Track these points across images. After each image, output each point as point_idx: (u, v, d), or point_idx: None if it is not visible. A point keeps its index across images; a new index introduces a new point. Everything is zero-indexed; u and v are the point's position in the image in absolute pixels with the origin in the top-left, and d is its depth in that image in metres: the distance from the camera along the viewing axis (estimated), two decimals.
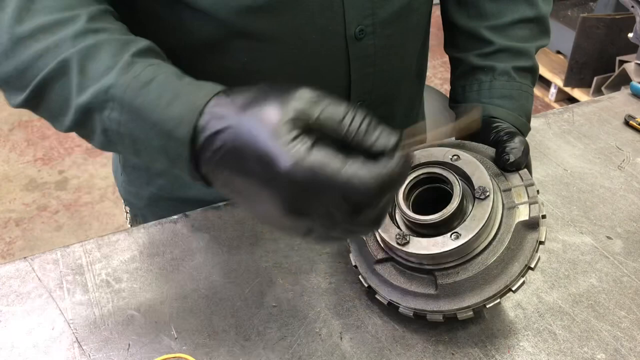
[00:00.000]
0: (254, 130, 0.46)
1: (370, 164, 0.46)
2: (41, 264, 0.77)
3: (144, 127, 0.52)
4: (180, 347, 0.67)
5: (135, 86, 0.52)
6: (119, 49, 0.54)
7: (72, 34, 0.54)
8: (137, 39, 0.57)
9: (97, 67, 0.53)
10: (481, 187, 0.64)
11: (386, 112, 0.87)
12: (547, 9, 0.86)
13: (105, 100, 0.53)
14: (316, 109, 0.46)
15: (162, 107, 0.51)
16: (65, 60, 0.54)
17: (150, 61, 0.54)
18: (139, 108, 0.51)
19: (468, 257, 0.64)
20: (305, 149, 0.45)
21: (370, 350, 0.67)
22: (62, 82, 0.54)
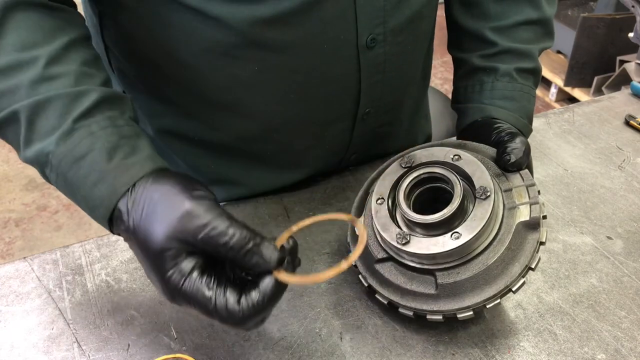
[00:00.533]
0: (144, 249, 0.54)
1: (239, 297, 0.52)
2: (41, 264, 0.77)
3: (74, 196, 0.58)
4: (180, 347, 0.67)
5: (68, 160, 0.56)
6: (67, 105, 0.57)
7: (27, 82, 0.57)
8: (88, 91, 0.59)
9: (43, 125, 0.57)
10: (482, 187, 0.64)
11: (393, 117, 0.87)
12: (551, 11, 0.85)
13: (45, 162, 0.58)
14: (200, 231, 0.51)
15: (88, 186, 0.56)
16: (16, 112, 0.57)
17: (91, 128, 0.57)
18: (70, 181, 0.57)
19: (468, 257, 0.63)
20: (179, 279, 0.52)
21: (370, 351, 0.67)
22: (13, 130, 0.59)
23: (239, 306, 0.52)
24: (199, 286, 0.52)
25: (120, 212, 0.55)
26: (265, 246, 0.53)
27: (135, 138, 0.59)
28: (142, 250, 0.54)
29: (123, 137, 0.58)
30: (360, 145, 0.87)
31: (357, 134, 0.84)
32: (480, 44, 0.84)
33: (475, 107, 0.82)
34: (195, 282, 0.52)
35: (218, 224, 0.52)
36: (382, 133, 0.88)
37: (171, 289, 0.53)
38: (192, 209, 0.52)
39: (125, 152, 0.57)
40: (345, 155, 0.88)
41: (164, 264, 0.52)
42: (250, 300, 0.52)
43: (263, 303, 0.53)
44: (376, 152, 0.92)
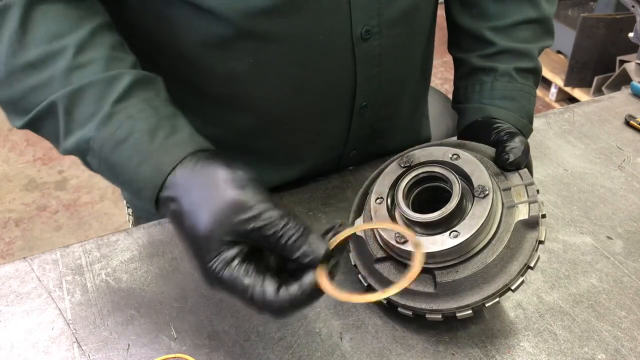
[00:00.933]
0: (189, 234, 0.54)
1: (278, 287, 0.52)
2: (41, 264, 0.77)
3: (118, 179, 0.59)
4: (180, 348, 0.67)
5: (110, 144, 0.57)
6: (103, 91, 0.58)
7: (60, 73, 0.58)
8: (121, 74, 0.59)
9: (82, 112, 0.58)
10: (480, 186, 0.64)
11: (391, 111, 0.87)
12: (550, 10, 0.85)
13: (87, 149, 0.58)
14: (249, 223, 0.52)
15: (132, 168, 0.57)
16: (53, 103, 0.58)
17: (129, 111, 0.57)
18: (113, 164, 0.57)
19: (467, 256, 0.63)
20: (220, 268, 0.52)
21: (370, 351, 0.67)
22: (52, 121, 0.59)
23: (277, 297, 0.52)
24: (237, 275, 0.52)
25: (166, 194, 0.55)
26: (313, 238, 0.53)
27: (174, 117, 0.59)
28: (187, 235, 0.54)
29: (162, 117, 0.58)
30: (358, 141, 0.87)
31: (355, 128, 0.84)
32: (479, 44, 0.84)
33: (475, 107, 0.81)
34: (235, 270, 0.52)
35: (268, 215, 0.52)
36: (380, 128, 0.88)
37: (211, 277, 0.53)
38: (240, 198, 0.53)
39: (166, 132, 0.57)
40: (345, 152, 0.88)
41: (207, 252, 0.53)
42: (289, 293, 0.52)
43: (301, 298, 0.52)
44: (375, 149, 0.92)
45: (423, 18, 0.81)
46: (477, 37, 0.84)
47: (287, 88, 0.75)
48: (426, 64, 0.92)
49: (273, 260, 0.56)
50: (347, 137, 0.85)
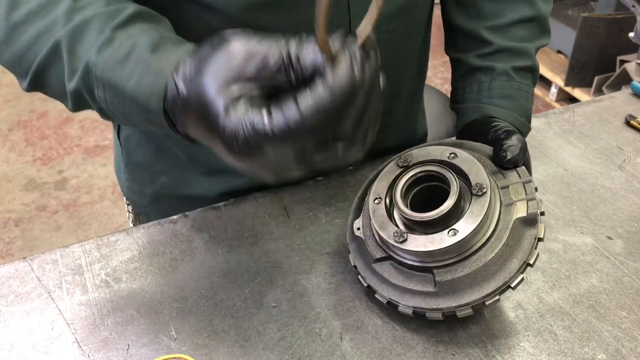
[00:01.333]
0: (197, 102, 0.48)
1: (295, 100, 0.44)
2: (40, 264, 0.77)
3: (124, 102, 0.54)
4: (180, 348, 0.67)
5: (111, 63, 0.53)
6: (104, 23, 0.55)
7: (62, 15, 0.56)
8: (124, 7, 0.57)
9: (84, 46, 0.55)
10: (478, 184, 0.64)
11: (387, 107, 0.87)
12: (546, 9, 0.85)
13: (91, 81, 0.54)
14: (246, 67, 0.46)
15: (134, 81, 0.52)
16: (57, 43, 0.55)
17: (130, 32, 0.54)
18: (115, 84, 0.53)
19: (466, 254, 0.63)
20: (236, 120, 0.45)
21: (370, 351, 0.67)
22: (57, 67, 0.56)
23: (298, 109, 0.44)
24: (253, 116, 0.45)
25: (170, 93, 0.50)
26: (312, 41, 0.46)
27: (179, 39, 0.56)
28: (198, 114, 0.48)
29: (165, 36, 0.55)
30: None
31: None
32: (476, 44, 0.84)
33: (473, 107, 0.81)
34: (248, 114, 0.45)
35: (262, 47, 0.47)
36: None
37: (229, 135, 0.46)
38: (235, 45, 0.47)
39: (169, 46, 0.54)
40: None
41: (217, 112, 0.46)
42: (311, 97, 0.44)
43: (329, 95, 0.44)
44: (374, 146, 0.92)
45: (420, 14, 0.81)
46: (474, 37, 0.84)
47: None
48: (422, 60, 0.92)
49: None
50: None
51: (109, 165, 2.71)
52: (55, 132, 2.92)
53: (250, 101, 0.46)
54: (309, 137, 0.45)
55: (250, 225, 0.82)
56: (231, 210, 0.85)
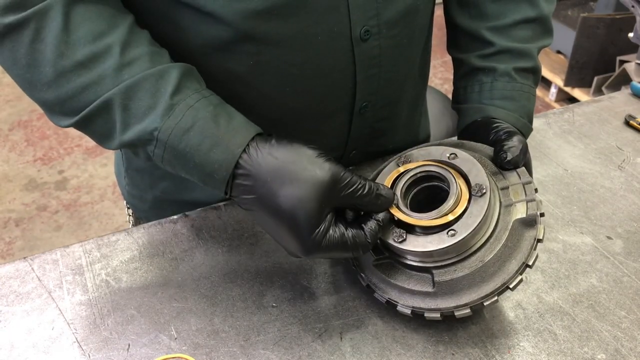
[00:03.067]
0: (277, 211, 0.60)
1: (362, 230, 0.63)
2: (41, 264, 0.77)
3: (186, 165, 0.62)
4: (180, 347, 0.67)
5: (177, 132, 0.60)
6: (155, 85, 0.61)
7: (111, 71, 0.61)
8: (169, 69, 0.63)
9: (139, 106, 0.61)
10: (478, 185, 0.64)
11: (390, 112, 0.87)
12: (549, 9, 0.85)
13: (149, 140, 0.62)
14: (343, 191, 0.61)
15: (203, 152, 0.60)
16: (108, 100, 0.61)
17: (188, 102, 0.61)
18: (182, 152, 0.61)
19: (465, 255, 0.64)
20: (322, 236, 0.60)
21: (370, 351, 0.67)
22: (106, 118, 0.62)
23: (365, 237, 0.63)
24: (337, 237, 0.61)
25: (242, 174, 0.60)
26: (383, 189, 0.64)
27: (224, 105, 0.64)
28: (273, 213, 0.60)
29: (216, 105, 0.63)
30: (358, 141, 0.87)
31: (355, 128, 0.84)
32: (478, 44, 0.84)
33: (474, 108, 0.81)
34: (334, 235, 0.61)
35: (354, 181, 0.61)
36: (380, 128, 0.88)
37: (313, 247, 0.60)
38: (335, 171, 0.60)
39: (226, 118, 0.62)
40: (345, 152, 0.88)
41: (308, 226, 0.59)
42: (371, 231, 0.63)
43: (379, 230, 0.64)
44: (375, 148, 0.92)
45: (421, 18, 0.81)
46: (476, 37, 0.84)
47: (287, 89, 0.75)
48: (424, 63, 0.92)
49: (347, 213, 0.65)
50: (347, 137, 0.85)
51: (110, 165, 2.71)
52: (56, 132, 2.92)
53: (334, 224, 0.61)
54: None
55: (250, 225, 0.82)
56: (231, 210, 0.85)
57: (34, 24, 0.61)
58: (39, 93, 0.64)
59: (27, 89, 0.65)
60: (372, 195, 0.62)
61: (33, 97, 0.66)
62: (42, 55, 0.61)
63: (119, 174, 1.00)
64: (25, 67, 0.63)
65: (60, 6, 0.61)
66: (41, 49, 0.61)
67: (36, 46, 0.61)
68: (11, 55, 0.63)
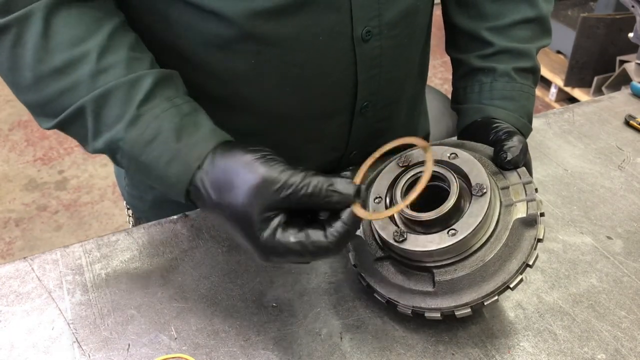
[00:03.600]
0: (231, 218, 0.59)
1: (324, 232, 0.57)
2: (41, 264, 0.77)
3: (149, 176, 0.63)
4: (180, 347, 0.67)
5: (139, 144, 0.61)
6: (127, 93, 0.62)
7: (86, 77, 0.62)
8: (143, 76, 0.63)
9: (109, 114, 0.62)
10: (478, 184, 0.64)
11: (391, 112, 0.87)
12: (548, 9, 0.85)
13: (116, 149, 0.62)
14: (280, 193, 0.57)
15: (161, 165, 0.61)
16: (81, 107, 0.62)
17: (154, 112, 0.62)
18: (143, 164, 0.62)
19: (465, 254, 0.64)
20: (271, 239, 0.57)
21: (370, 351, 0.67)
22: (80, 123, 0.63)
23: (327, 240, 0.57)
24: (288, 239, 0.57)
25: (197, 187, 0.60)
26: (339, 183, 0.58)
27: (195, 114, 0.64)
28: (229, 220, 0.59)
29: (184, 115, 0.63)
30: (359, 141, 0.87)
31: (356, 128, 0.84)
32: (477, 45, 0.84)
33: (474, 108, 0.82)
34: (284, 235, 0.57)
35: (294, 180, 0.57)
36: (380, 128, 0.88)
37: (265, 249, 0.58)
38: (267, 174, 0.57)
39: (190, 131, 0.62)
40: (345, 152, 0.88)
41: (254, 229, 0.57)
42: (335, 232, 0.57)
43: (346, 231, 0.58)
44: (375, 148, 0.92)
45: (421, 18, 0.81)
46: (475, 38, 0.84)
47: (288, 89, 0.75)
48: (423, 63, 0.92)
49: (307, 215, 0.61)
50: (348, 137, 0.85)
51: (110, 165, 2.71)
52: (56, 132, 2.91)
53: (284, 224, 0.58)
54: (327, 255, 0.59)
55: None
56: None
57: (16, 29, 0.61)
58: (21, 95, 0.66)
59: (12, 90, 0.66)
60: (321, 193, 0.57)
61: (18, 98, 0.67)
62: (22, 59, 0.62)
63: (118, 175, 1.01)
64: (7, 70, 0.64)
65: (42, 12, 0.61)
66: (22, 54, 0.62)
67: (17, 51, 0.62)
68: None
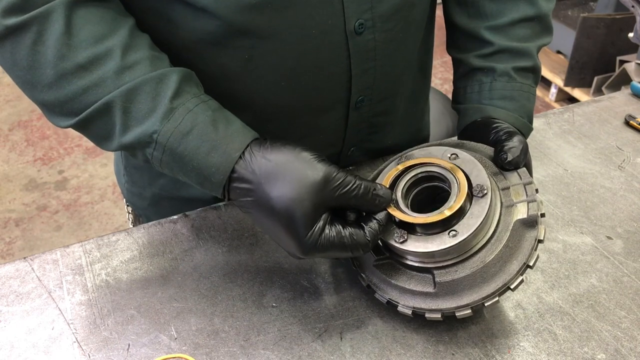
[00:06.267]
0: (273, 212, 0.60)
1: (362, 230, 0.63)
2: (41, 264, 0.77)
3: (183, 168, 0.63)
4: (180, 347, 0.67)
5: (176, 136, 0.62)
6: (156, 89, 0.62)
7: (112, 73, 0.62)
8: (168, 73, 0.64)
9: (139, 108, 0.62)
10: (479, 185, 0.64)
11: (387, 106, 0.87)
12: (548, 7, 0.85)
13: (148, 142, 0.63)
14: (337, 191, 0.61)
15: (201, 156, 0.62)
16: (109, 102, 0.62)
17: (187, 106, 0.63)
18: (180, 155, 0.62)
19: (466, 255, 0.64)
20: (317, 236, 0.60)
21: (370, 351, 0.67)
22: (106, 120, 0.63)
23: (366, 237, 0.63)
24: (334, 236, 0.61)
25: (239, 177, 0.61)
26: (380, 189, 0.64)
27: (222, 110, 0.65)
28: (272, 213, 0.60)
29: (214, 110, 0.64)
30: (356, 136, 0.87)
31: (352, 123, 0.84)
32: (477, 44, 0.83)
33: (474, 108, 0.81)
34: (330, 234, 0.61)
35: (349, 180, 0.61)
36: (377, 123, 0.88)
37: (309, 247, 0.60)
38: (328, 171, 0.60)
39: (224, 123, 0.63)
40: (343, 148, 0.88)
41: (304, 226, 0.60)
42: (372, 230, 0.63)
43: (380, 230, 0.64)
44: (374, 145, 0.92)
45: (417, 14, 0.81)
46: (475, 37, 0.84)
47: (282, 83, 0.75)
48: (425, 60, 0.92)
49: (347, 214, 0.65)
50: (344, 132, 0.85)
51: (109, 165, 2.71)
52: (56, 132, 2.92)
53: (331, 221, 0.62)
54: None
55: (250, 225, 0.82)
56: (231, 210, 0.85)
57: (36, 27, 0.61)
58: (39, 94, 0.65)
59: (27, 89, 0.66)
60: (368, 195, 0.63)
61: (33, 98, 0.66)
62: (43, 57, 0.62)
63: (118, 172, 1.01)
64: (25, 68, 0.63)
65: (63, 9, 0.61)
66: (42, 51, 0.62)
67: (37, 48, 0.62)
68: (12, 57, 0.63)
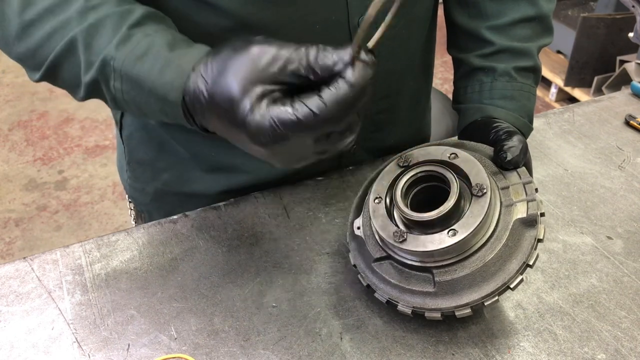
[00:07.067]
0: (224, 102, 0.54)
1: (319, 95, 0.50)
2: (41, 264, 0.77)
3: (142, 93, 0.60)
4: (180, 347, 0.67)
5: (131, 58, 0.59)
6: (118, 22, 0.60)
7: (76, 14, 0.60)
8: (134, 7, 0.62)
9: (100, 42, 0.60)
10: (478, 185, 0.64)
11: (389, 104, 0.87)
12: (549, 7, 0.85)
13: (109, 73, 0.60)
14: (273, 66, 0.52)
15: (154, 75, 0.58)
16: (73, 39, 0.60)
17: (146, 31, 0.60)
18: (136, 77, 0.59)
19: (466, 255, 0.64)
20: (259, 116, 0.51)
21: (370, 350, 0.67)
22: (72, 60, 0.61)
23: (322, 100, 0.50)
24: (279, 110, 0.51)
25: (193, 90, 0.56)
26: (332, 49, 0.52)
27: (187, 39, 0.61)
28: (223, 112, 0.54)
29: (176, 35, 0.61)
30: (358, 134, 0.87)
31: None
32: (477, 44, 0.83)
33: (475, 107, 0.81)
34: (273, 110, 0.51)
35: (285, 52, 0.52)
36: (379, 121, 0.88)
37: (256, 129, 0.52)
38: (257, 48, 0.53)
39: (184, 46, 0.60)
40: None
41: (244, 109, 0.52)
42: (334, 91, 0.50)
43: (347, 90, 0.51)
44: (376, 143, 0.92)
45: (420, 11, 0.81)
46: (476, 37, 0.84)
47: None
48: (427, 59, 0.92)
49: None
50: None
51: (109, 165, 2.71)
52: (56, 132, 2.92)
53: (272, 99, 0.52)
54: (329, 126, 0.52)
55: (250, 225, 0.82)
56: (231, 210, 0.85)
57: None
58: (12, 48, 0.64)
59: (4, 47, 0.66)
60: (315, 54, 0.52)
61: (11, 56, 0.66)
62: (9, 8, 0.62)
63: (120, 168, 1.01)
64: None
65: None
66: (8, 2, 0.62)
67: (2, 7, 0.62)
68: None
